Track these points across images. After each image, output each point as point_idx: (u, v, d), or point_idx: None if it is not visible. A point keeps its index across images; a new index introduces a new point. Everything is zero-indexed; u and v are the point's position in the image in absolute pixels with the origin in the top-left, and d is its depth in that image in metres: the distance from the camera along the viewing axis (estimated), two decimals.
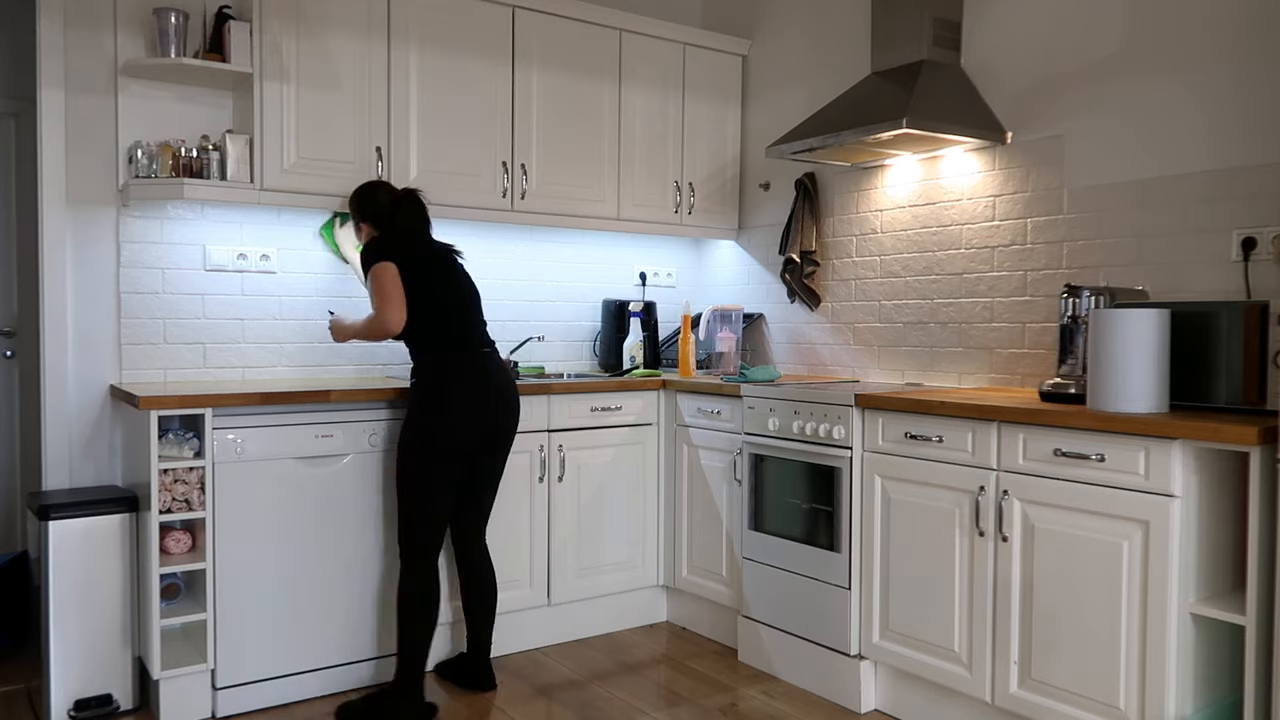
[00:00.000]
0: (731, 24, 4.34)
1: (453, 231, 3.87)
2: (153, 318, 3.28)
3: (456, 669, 3.18)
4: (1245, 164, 2.63)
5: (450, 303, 2.96)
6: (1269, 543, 2.16)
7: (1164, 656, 2.24)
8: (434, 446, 2.86)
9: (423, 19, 3.43)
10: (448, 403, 2.87)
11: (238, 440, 2.87)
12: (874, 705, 3.00)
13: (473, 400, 2.90)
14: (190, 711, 2.86)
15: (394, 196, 3.04)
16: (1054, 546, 2.46)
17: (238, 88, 3.30)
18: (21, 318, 4.21)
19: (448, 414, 2.86)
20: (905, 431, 2.84)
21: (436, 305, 2.92)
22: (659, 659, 3.43)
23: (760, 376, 3.56)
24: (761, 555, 3.30)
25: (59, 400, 3.14)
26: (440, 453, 2.87)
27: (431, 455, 2.86)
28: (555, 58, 3.74)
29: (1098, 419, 2.34)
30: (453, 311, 2.96)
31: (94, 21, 3.15)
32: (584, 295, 4.25)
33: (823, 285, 3.93)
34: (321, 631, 3.03)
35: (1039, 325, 3.14)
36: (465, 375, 2.91)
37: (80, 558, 2.81)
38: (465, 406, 2.89)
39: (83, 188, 3.16)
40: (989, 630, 2.61)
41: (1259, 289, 2.58)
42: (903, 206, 3.59)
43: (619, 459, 3.67)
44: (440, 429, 2.86)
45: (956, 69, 3.34)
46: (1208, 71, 2.71)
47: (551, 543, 3.51)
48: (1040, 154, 3.13)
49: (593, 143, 3.86)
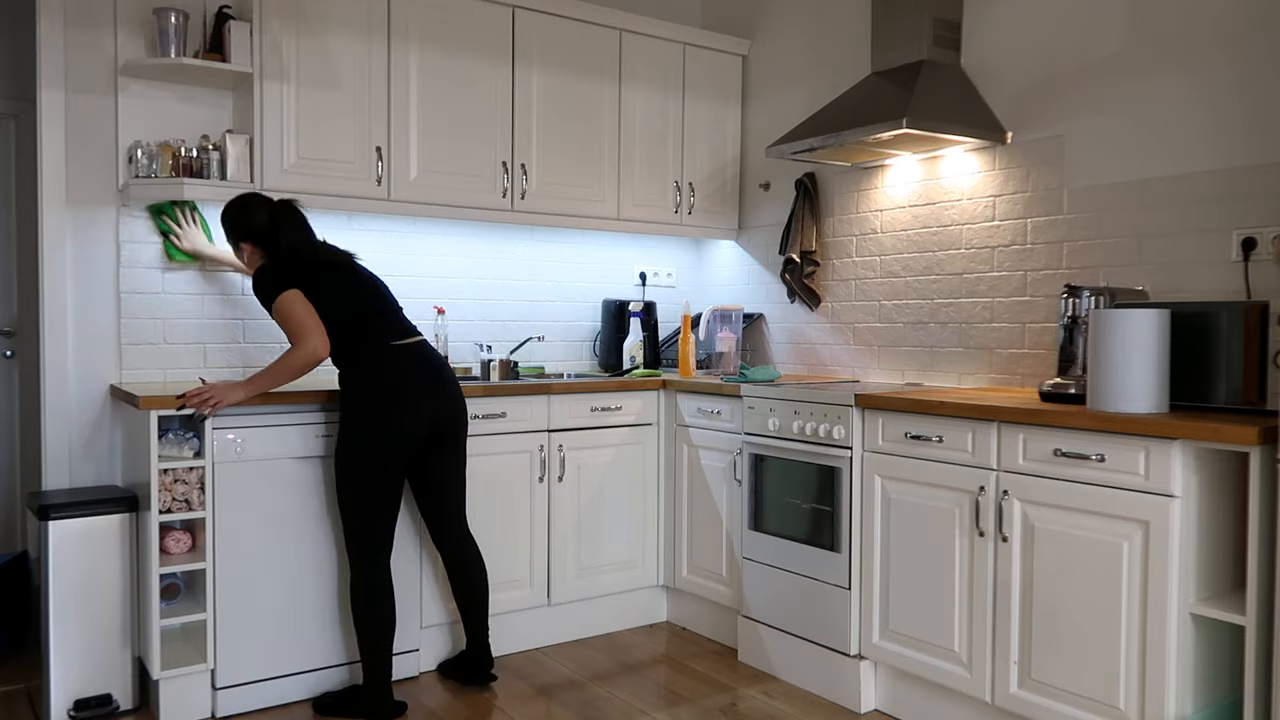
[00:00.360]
0: (731, 24, 4.34)
1: (453, 231, 3.88)
2: (153, 318, 3.28)
3: (458, 667, 3.18)
4: (1245, 164, 2.63)
5: (361, 306, 2.87)
6: (1269, 543, 2.16)
7: (1164, 656, 2.24)
8: (372, 446, 2.80)
9: (423, 19, 3.43)
10: (381, 400, 2.80)
11: (238, 440, 2.87)
12: (874, 705, 3.00)
13: (408, 390, 2.83)
14: (190, 711, 2.86)
15: (270, 210, 2.87)
16: (1054, 546, 2.46)
17: (238, 88, 3.30)
18: (21, 318, 4.21)
19: (381, 411, 2.80)
20: (905, 431, 2.84)
21: (348, 313, 2.84)
22: (659, 659, 3.43)
23: (760, 376, 3.56)
24: (761, 555, 3.30)
25: (59, 400, 3.14)
26: (379, 452, 2.80)
27: (371, 456, 2.80)
28: (555, 58, 3.74)
29: (1098, 419, 2.34)
30: (374, 311, 2.89)
31: (94, 21, 3.15)
32: (584, 295, 4.25)
33: (823, 285, 3.93)
34: (321, 631, 3.03)
35: (1039, 325, 3.14)
36: (395, 370, 2.84)
37: (80, 558, 2.81)
38: (400, 398, 2.82)
39: (83, 188, 3.16)
40: (989, 630, 2.61)
41: (1259, 289, 2.58)
42: (903, 206, 3.59)
43: (619, 459, 3.67)
44: (374, 428, 2.79)
45: (956, 69, 3.34)
46: (1208, 71, 2.71)
47: (551, 543, 3.51)
48: (1040, 154, 3.13)
49: (593, 143, 3.86)
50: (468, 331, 3.92)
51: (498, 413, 3.36)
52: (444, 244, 3.86)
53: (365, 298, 2.90)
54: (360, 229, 3.66)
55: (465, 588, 3.09)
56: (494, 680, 3.15)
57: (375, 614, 2.85)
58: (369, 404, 2.81)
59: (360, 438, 2.80)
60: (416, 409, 2.85)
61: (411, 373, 2.86)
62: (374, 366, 2.83)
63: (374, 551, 2.86)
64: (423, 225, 3.80)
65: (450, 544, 3.07)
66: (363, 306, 2.88)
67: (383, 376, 2.82)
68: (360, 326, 2.85)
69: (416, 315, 3.64)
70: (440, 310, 3.74)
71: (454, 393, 2.97)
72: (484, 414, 3.33)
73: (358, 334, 2.85)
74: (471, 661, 3.13)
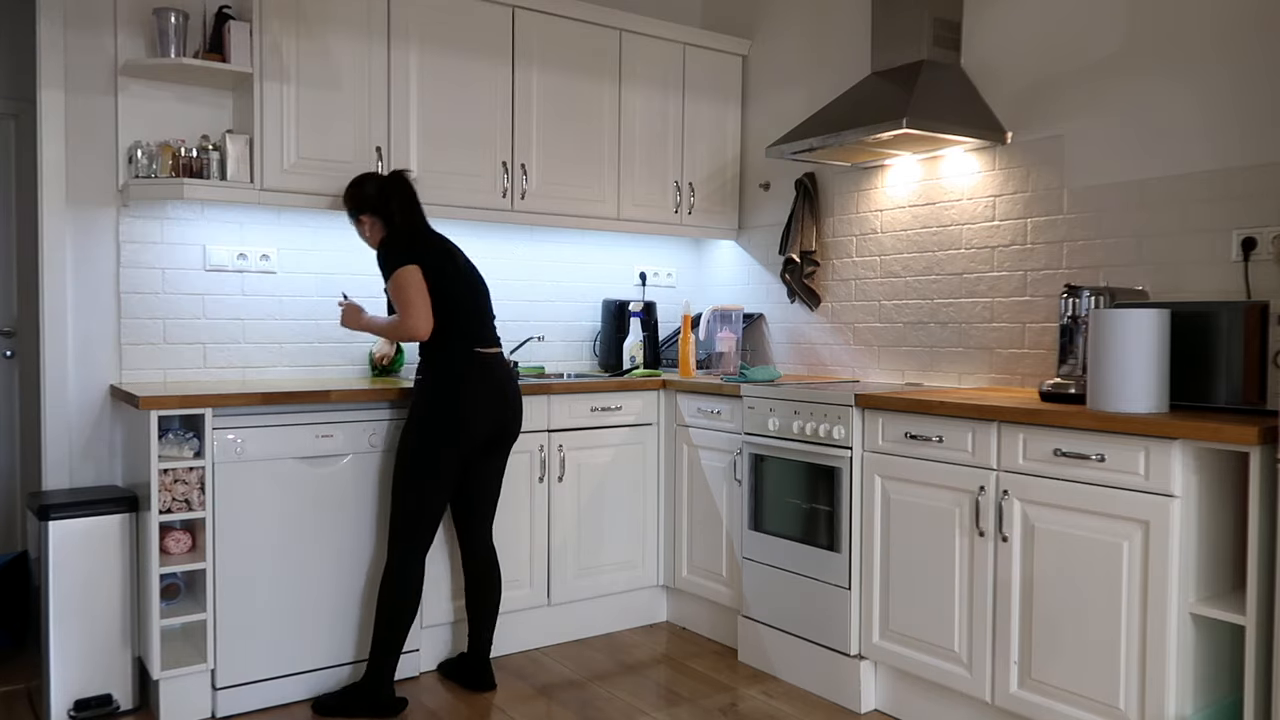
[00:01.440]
0: (731, 24, 4.34)
1: (453, 231, 3.87)
2: (153, 318, 3.28)
3: (458, 668, 3.19)
4: (1245, 164, 2.63)
5: (469, 302, 2.98)
6: (1269, 543, 2.16)
7: (1164, 656, 2.24)
8: (442, 443, 2.87)
9: (423, 19, 3.43)
10: (460, 400, 2.89)
11: (238, 440, 2.87)
12: (874, 705, 3.00)
13: (484, 400, 2.93)
14: (190, 711, 2.86)
15: (380, 183, 3.02)
16: (1054, 546, 2.46)
17: (238, 88, 3.30)
18: (21, 318, 4.21)
19: (459, 411, 2.88)
20: (905, 431, 2.84)
21: (457, 305, 2.94)
22: (659, 659, 3.43)
23: (760, 376, 3.56)
24: (761, 555, 3.30)
25: (59, 400, 3.14)
26: (447, 450, 2.88)
27: (438, 452, 2.88)
28: (555, 58, 3.74)
29: (1098, 419, 2.34)
30: (471, 311, 2.98)
31: (94, 21, 3.15)
32: (584, 295, 4.25)
33: (823, 285, 3.92)
34: (321, 631, 3.03)
35: (1039, 325, 3.14)
36: (479, 375, 2.93)
37: (80, 558, 2.81)
38: (477, 405, 2.91)
39: (83, 188, 3.16)
40: (989, 630, 2.61)
41: (1259, 289, 2.58)
42: (903, 206, 3.59)
43: (619, 459, 3.67)
44: (450, 425, 2.88)
45: (956, 69, 3.34)
46: (1208, 71, 2.71)
47: (551, 543, 3.51)
48: (1040, 154, 3.13)
49: (593, 143, 3.86)
50: None
51: None
52: None
53: (468, 297, 2.99)
54: None
55: (482, 599, 3.12)
56: (494, 689, 3.14)
57: (402, 604, 2.89)
58: (446, 401, 2.88)
59: (434, 432, 2.87)
60: (488, 416, 2.95)
61: (490, 381, 2.95)
62: (458, 366, 2.91)
63: (415, 541, 2.92)
64: None
65: (477, 550, 3.11)
66: (468, 302, 2.97)
67: (465, 378, 2.90)
68: (454, 323, 2.92)
69: None
70: None
71: (518, 405, 3.06)
72: None
73: (457, 329, 2.93)
74: (473, 669, 3.14)
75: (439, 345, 2.92)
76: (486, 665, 3.14)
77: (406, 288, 2.86)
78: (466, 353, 2.93)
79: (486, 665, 3.14)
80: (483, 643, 3.14)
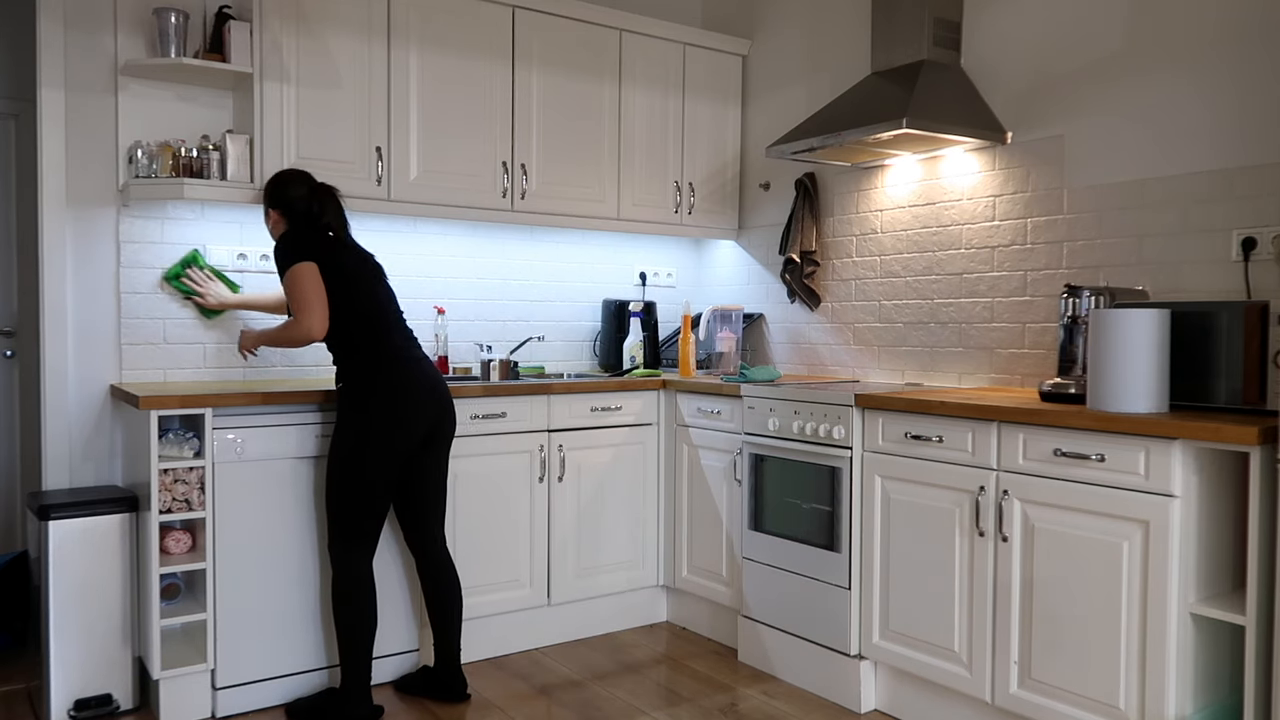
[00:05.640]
0: (731, 24, 4.34)
1: (453, 231, 3.88)
2: (153, 318, 3.28)
3: (424, 681, 3.05)
4: (1245, 164, 2.63)
5: (384, 307, 2.88)
6: (1269, 543, 2.16)
7: (1164, 657, 2.24)
8: (371, 449, 2.78)
9: (423, 19, 3.43)
10: (384, 406, 2.78)
11: (238, 440, 2.87)
12: (874, 705, 3.00)
13: (411, 403, 2.82)
14: (190, 711, 2.86)
15: (312, 188, 2.89)
16: (1054, 546, 2.46)
17: (238, 88, 3.30)
18: (21, 318, 4.21)
19: (386, 417, 2.78)
20: (905, 431, 2.84)
21: (369, 308, 2.83)
22: (659, 659, 3.43)
23: (760, 376, 3.56)
24: (761, 555, 3.30)
25: (59, 400, 3.14)
26: (377, 455, 2.78)
27: (368, 458, 2.78)
28: (555, 58, 3.74)
29: (1098, 419, 2.34)
30: (385, 316, 2.87)
31: (94, 21, 3.15)
32: (584, 295, 4.25)
33: (823, 285, 3.93)
34: (321, 631, 3.02)
35: (1039, 325, 3.14)
36: (402, 379, 2.82)
37: (80, 558, 2.81)
38: (403, 410, 2.80)
39: (83, 188, 3.16)
40: (989, 630, 2.61)
41: (1259, 289, 2.58)
42: (903, 206, 3.59)
43: (619, 459, 3.67)
44: (377, 431, 2.77)
45: (956, 69, 3.34)
46: (1208, 71, 2.71)
47: (551, 543, 3.51)
48: (1040, 154, 3.13)
49: (592, 143, 3.86)
50: (467, 331, 3.92)
51: (498, 413, 3.36)
52: (444, 244, 3.86)
53: (383, 300, 2.90)
54: (360, 229, 3.63)
55: (440, 602, 2.99)
56: (468, 699, 3.03)
57: (354, 610, 2.81)
58: (372, 403, 2.79)
59: (360, 435, 2.78)
60: (417, 415, 2.84)
61: (415, 380, 2.84)
62: (380, 367, 2.81)
63: (357, 547, 2.83)
64: (423, 225, 3.80)
65: (429, 551, 3.00)
66: (382, 306, 2.88)
67: (387, 379, 2.81)
68: (372, 325, 2.84)
69: (417, 315, 3.66)
70: (440, 310, 3.74)
71: (448, 402, 2.95)
72: (484, 414, 3.33)
73: (369, 331, 2.83)
74: (441, 681, 3.01)
75: (353, 351, 2.81)
76: (458, 673, 3.01)
77: (301, 283, 2.73)
78: (388, 352, 2.82)
79: (458, 673, 3.01)
80: (451, 649, 3.00)
